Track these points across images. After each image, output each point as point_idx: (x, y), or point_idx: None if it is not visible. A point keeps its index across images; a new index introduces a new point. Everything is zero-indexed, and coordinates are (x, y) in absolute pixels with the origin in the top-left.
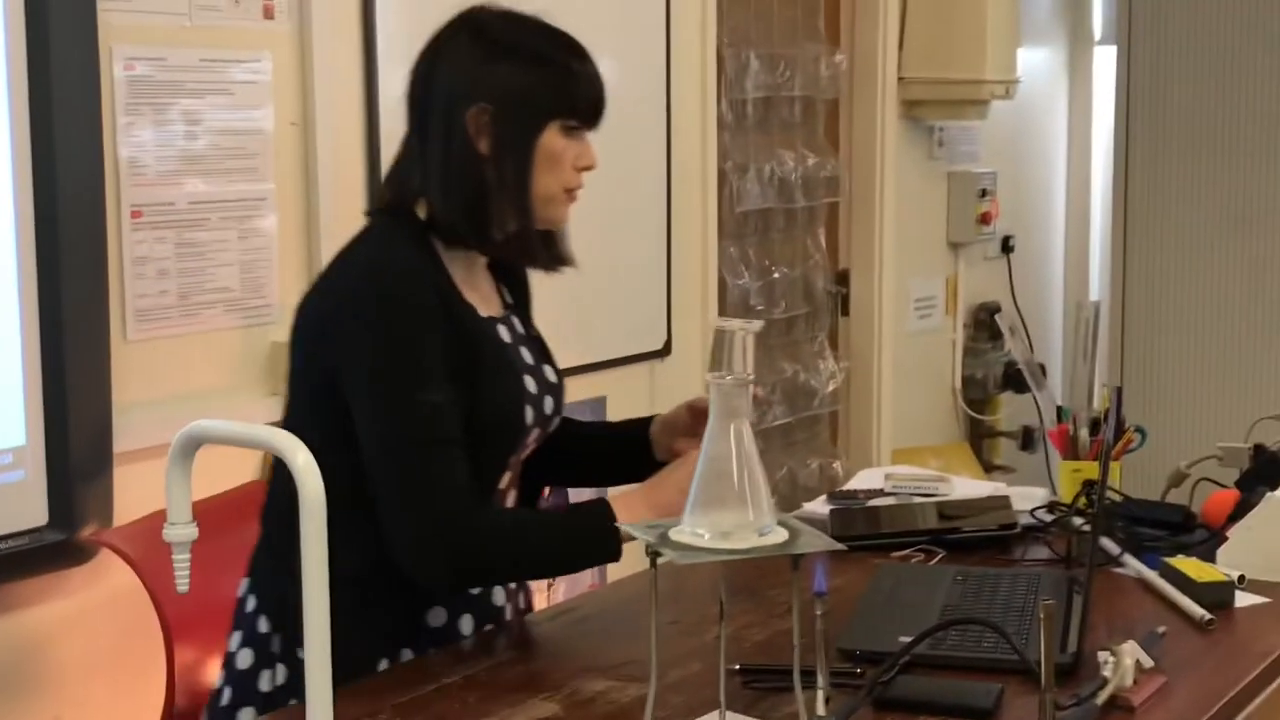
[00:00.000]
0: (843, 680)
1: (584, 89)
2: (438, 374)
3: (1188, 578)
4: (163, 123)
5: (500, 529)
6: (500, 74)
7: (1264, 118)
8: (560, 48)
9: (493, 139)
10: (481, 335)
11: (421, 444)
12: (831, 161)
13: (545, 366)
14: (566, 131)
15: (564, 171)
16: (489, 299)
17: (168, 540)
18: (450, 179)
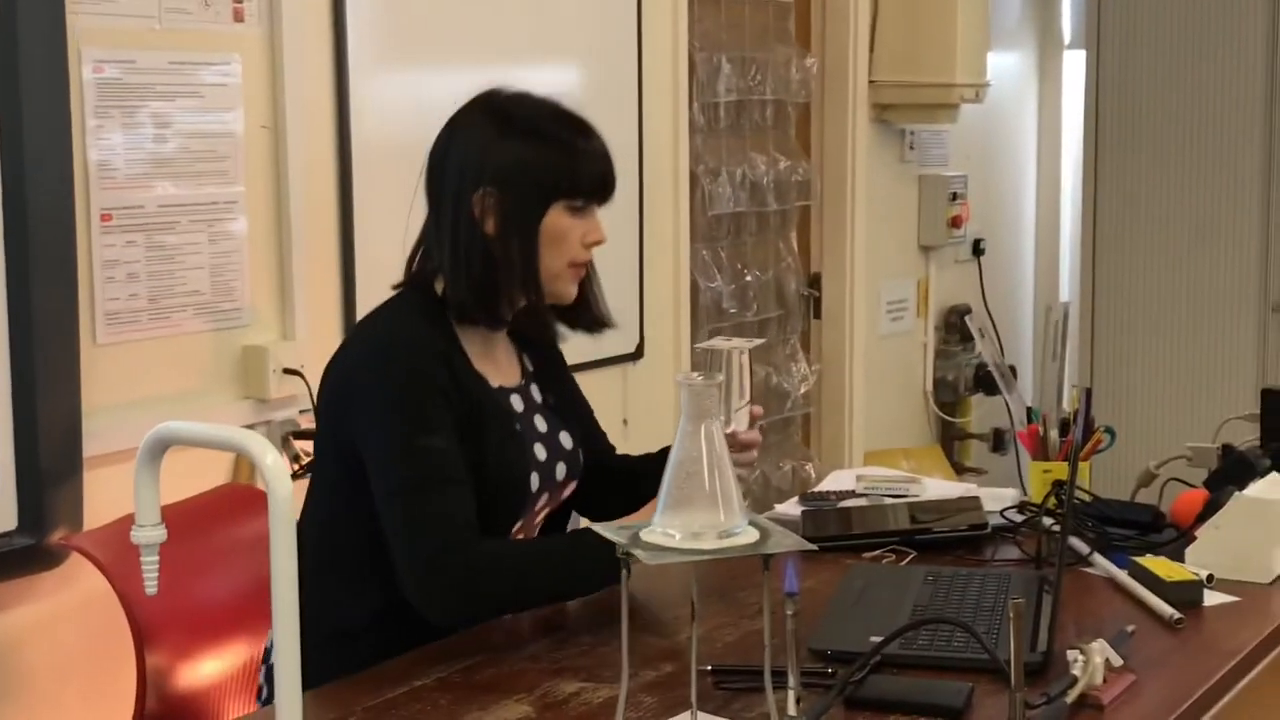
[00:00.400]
0: (814, 680)
1: (588, 168)
2: (440, 425)
3: (1157, 577)
4: (132, 125)
5: (500, 559)
6: (506, 156)
7: (1231, 122)
8: (566, 127)
9: (498, 221)
10: (489, 405)
11: (422, 485)
12: (803, 165)
13: (561, 433)
14: (572, 211)
15: (570, 249)
16: (505, 369)
17: (136, 542)
18: (459, 260)
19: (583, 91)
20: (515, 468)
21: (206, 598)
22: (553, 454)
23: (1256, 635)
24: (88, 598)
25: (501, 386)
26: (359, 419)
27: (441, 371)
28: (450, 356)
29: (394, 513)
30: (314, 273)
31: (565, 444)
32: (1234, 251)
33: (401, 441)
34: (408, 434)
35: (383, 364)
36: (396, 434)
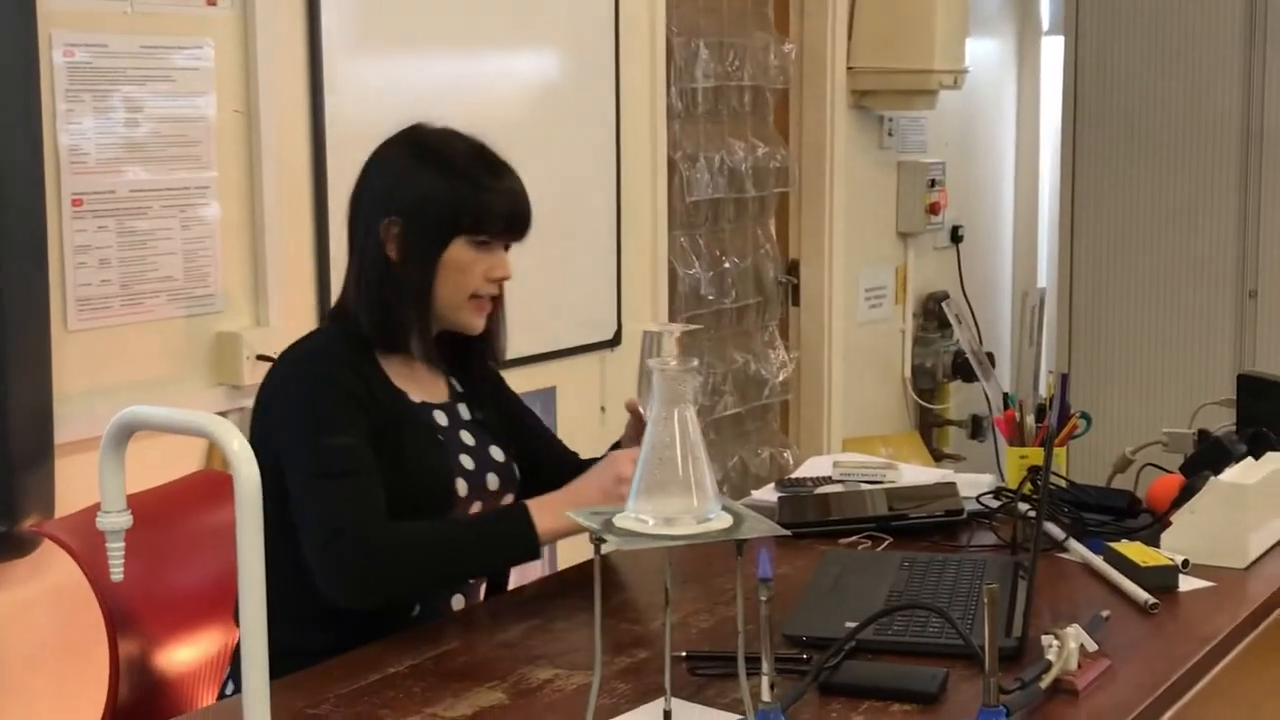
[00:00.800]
0: (788, 666)
1: (494, 206)
2: (349, 425)
3: (1132, 562)
4: (103, 110)
5: (400, 539)
6: (415, 187)
7: (1209, 108)
8: (478, 165)
9: (399, 249)
10: (407, 415)
11: (328, 476)
12: (781, 151)
13: (492, 447)
14: (476, 245)
15: (471, 281)
16: (429, 388)
17: (101, 528)
18: (361, 284)
19: (560, 77)
20: (437, 472)
21: (179, 585)
22: (482, 465)
23: (1232, 620)
24: (60, 585)
25: (424, 402)
26: (278, 432)
27: (352, 379)
28: (364, 369)
29: (303, 505)
30: (288, 259)
31: (496, 456)
32: (1210, 238)
33: (310, 440)
34: (316, 433)
35: (295, 376)
36: (306, 435)
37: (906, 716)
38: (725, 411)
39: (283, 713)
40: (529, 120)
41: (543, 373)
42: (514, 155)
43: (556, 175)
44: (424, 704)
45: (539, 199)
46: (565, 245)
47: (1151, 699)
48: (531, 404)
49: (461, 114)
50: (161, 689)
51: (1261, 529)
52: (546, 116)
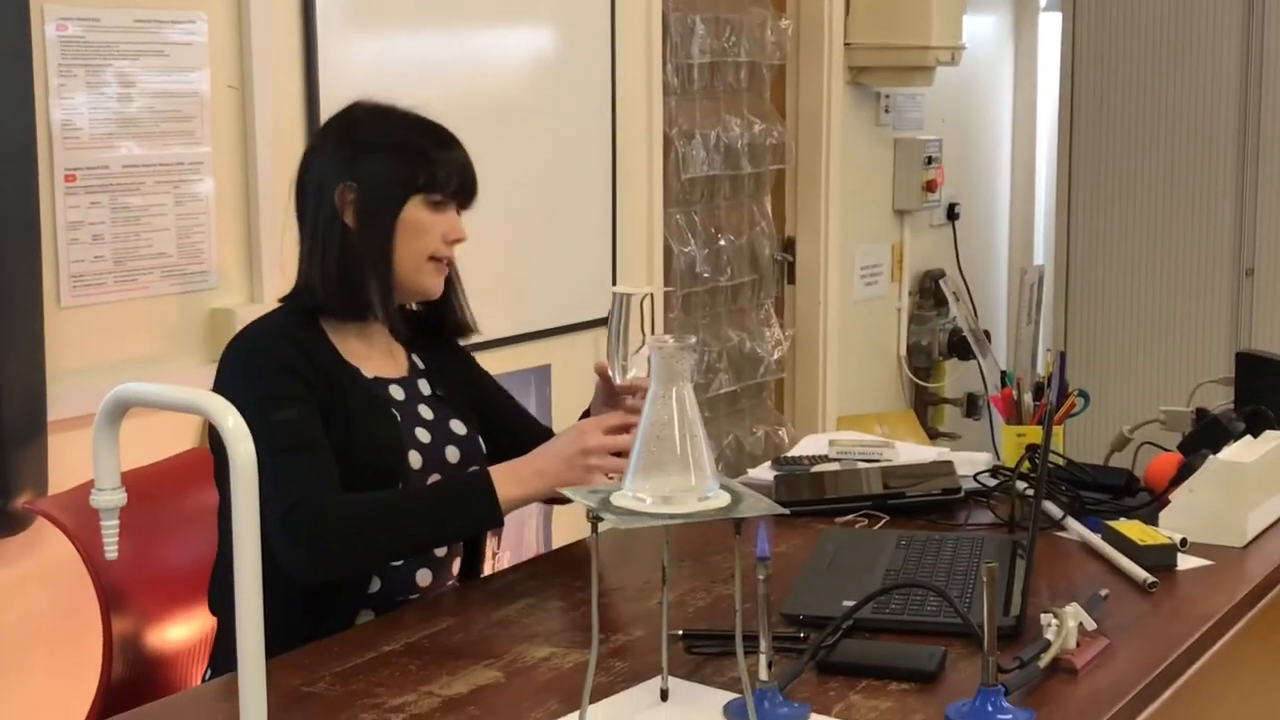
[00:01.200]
0: (786, 645)
1: (444, 166)
2: (292, 399)
3: (1130, 541)
4: (96, 85)
5: (351, 509)
6: (365, 155)
7: (1206, 85)
8: (425, 135)
9: (357, 213)
10: (357, 389)
11: (275, 453)
12: (778, 128)
13: (452, 421)
14: (431, 205)
15: (429, 243)
16: (385, 363)
17: (95, 506)
18: (319, 252)
19: (555, 52)
20: (386, 444)
21: (174, 562)
22: (440, 438)
23: (1230, 599)
24: (53, 563)
25: (378, 377)
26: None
27: (294, 354)
28: (310, 344)
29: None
30: (282, 235)
31: (457, 430)
32: (1208, 215)
33: (255, 418)
34: (259, 411)
35: (237, 357)
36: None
37: (904, 695)
38: (720, 390)
39: (278, 691)
40: (524, 96)
41: (537, 350)
42: (509, 131)
43: (551, 152)
44: (420, 682)
45: (534, 176)
46: (560, 222)
47: (1150, 677)
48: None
49: (456, 90)
50: (156, 666)
51: (1260, 507)
52: (542, 92)
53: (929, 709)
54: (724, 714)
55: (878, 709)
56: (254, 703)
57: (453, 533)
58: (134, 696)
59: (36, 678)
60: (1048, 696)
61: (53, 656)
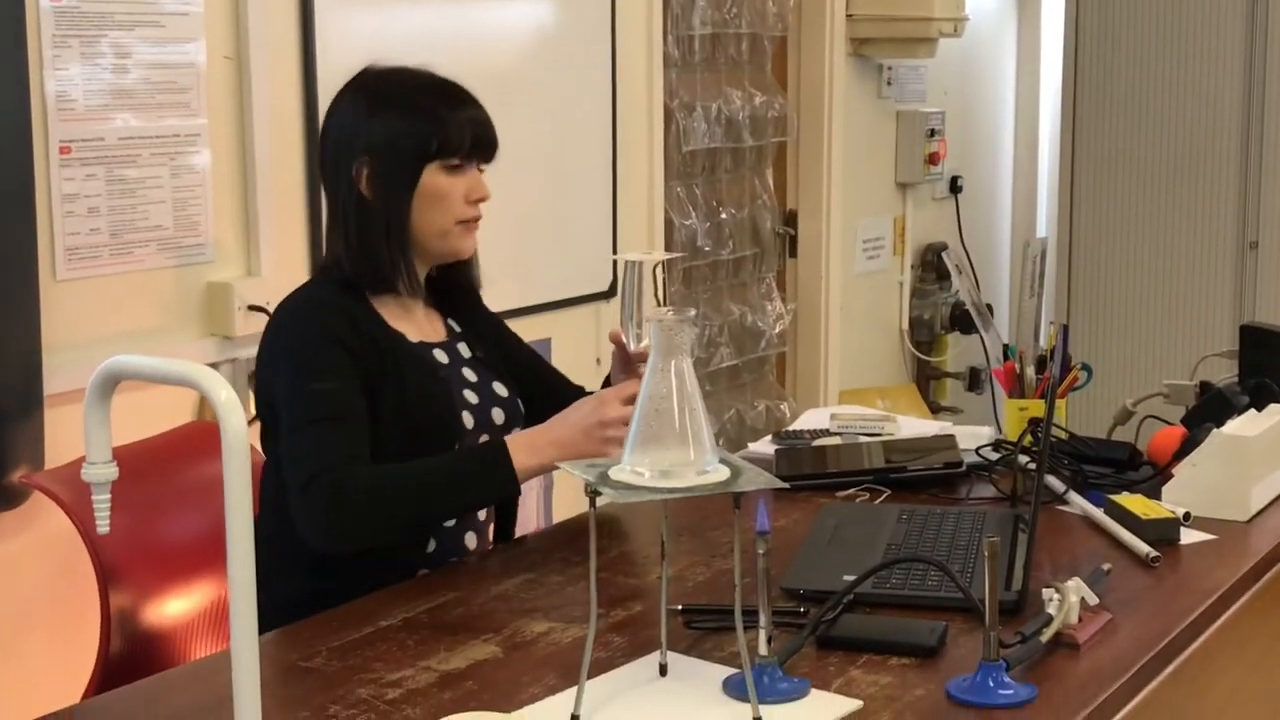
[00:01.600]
0: (786, 620)
1: (457, 128)
2: (334, 370)
3: (1133, 515)
4: (91, 56)
5: (369, 483)
6: (377, 126)
7: (1211, 56)
8: (434, 94)
9: (374, 188)
10: (405, 354)
11: (309, 422)
12: (779, 100)
13: (495, 383)
14: (449, 170)
15: (454, 207)
16: (426, 328)
17: (86, 480)
18: (337, 227)
19: (555, 24)
20: (441, 406)
21: (171, 536)
22: (485, 399)
23: (1233, 573)
24: (50, 537)
25: (422, 341)
26: (271, 383)
27: (339, 323)
28: (355, 313)
29: (286, 453)
30: (279, 208)
31: (500, 391)
32: (1212, 188)
33: (294, 388)
34: (300, 380)
35: (283, 327)
36: (290, 382)
37: (905, 670)
38: (721, 364)
39: (275, 665)
40: (524, 68)
41: (538, 324)
42: (508, 103)
43: (551, 124)
44: (418, 657)
45: (535, 148)
46: (561, 195)
47: (1153, 652)
48: None
49: (455, 62)
50: (154, 641)
51: (1264, 481)
52: (542, 64)
53: (930, 684)
54: (723, 689)
55: (878, 684)
56: (248, 678)
57: (470, 504)
58: (132, 671)
59: (34, 652)
60: (1049, 671)
61: (50, 631)
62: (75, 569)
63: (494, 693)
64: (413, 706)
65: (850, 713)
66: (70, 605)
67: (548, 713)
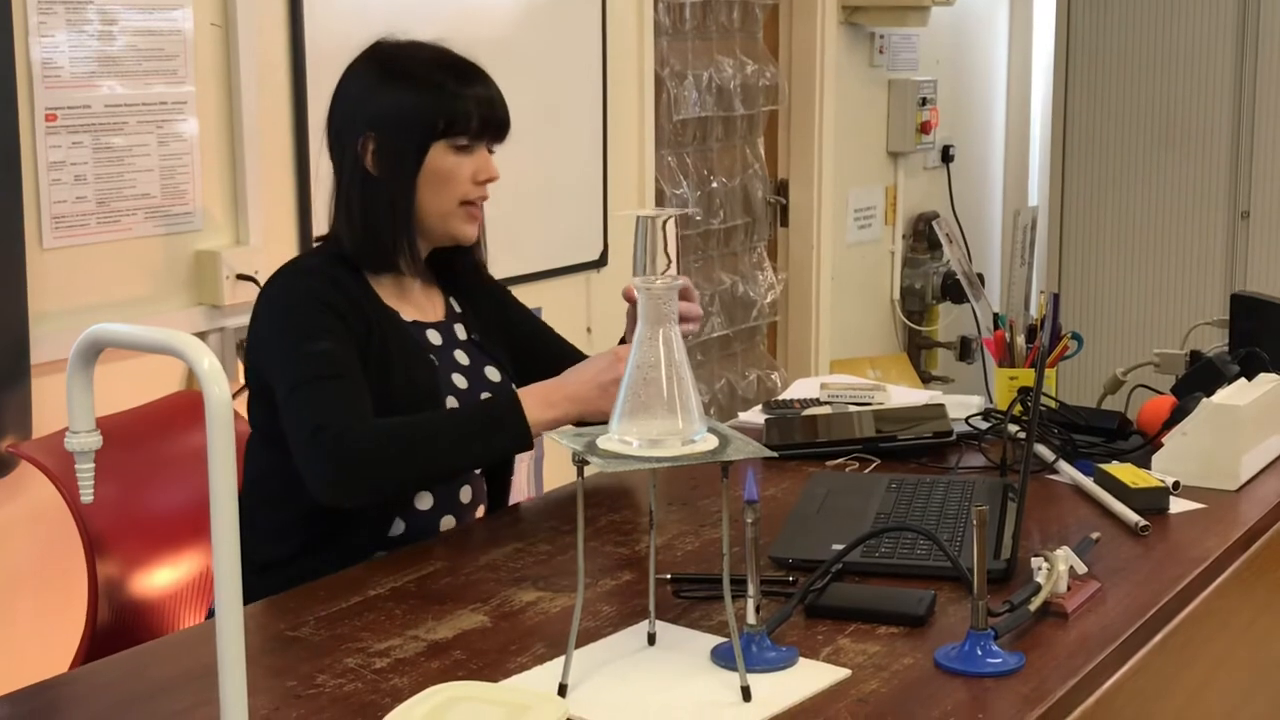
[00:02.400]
0: (774, 589)
1: (468, 108)
2: (329, 331)
3: (1122, 484)
4: (77, 22)
5: (379, 433)
6: (385, 100)
7: (1203, 26)
8: (445, 71)
9: (378, 163)
10: (394, 332)
11: (311, 380)
12: (771, 69)
13: (487, 367)
14: (457, 149)
15: (458, 187)
16: (424, 307)
17: (70, 449)
18: (341, 203)
19: None
20: (425, 389)
21: (158, 506)
22: (475, 384)
23: (1223, 542)
24: (37, 507)
25: (416, 321)
26: (263, 348)
27: (332, 292)
28: (349, 286)
29: (288, 413)
30: (268, 176)
31: (491, 376)
32: (1204, 157)
33: (291, 349)
34: (296, 341)
35: (276, 293)
36: (287, 344)
37: (893, 639)
38: (712, 333)
39: (262, 635)
40: (513, 36)
41: (528, 293)
42: (498, 72)
43: (541, 93)
44: (405, 626)
45: (524, 118)
46: (551, 165)
47: (1141, 621)
48: None
49: (444, 30)
50: (141, 611)
51: (1253, 450)
52: (531, 32)
53: (918, 653)
54: (711, 658)
55: (866, 653)
56: (232, 648)
57: (481, 456)
58: (119, 640)
59: (21, 622)
60: (1038, 640)
61: (38, 601)
62: (63, 539)
63: (482, 662)
64: (400, 676)
65: (838, 681)
66: (58, 575)
67: (536, 682)
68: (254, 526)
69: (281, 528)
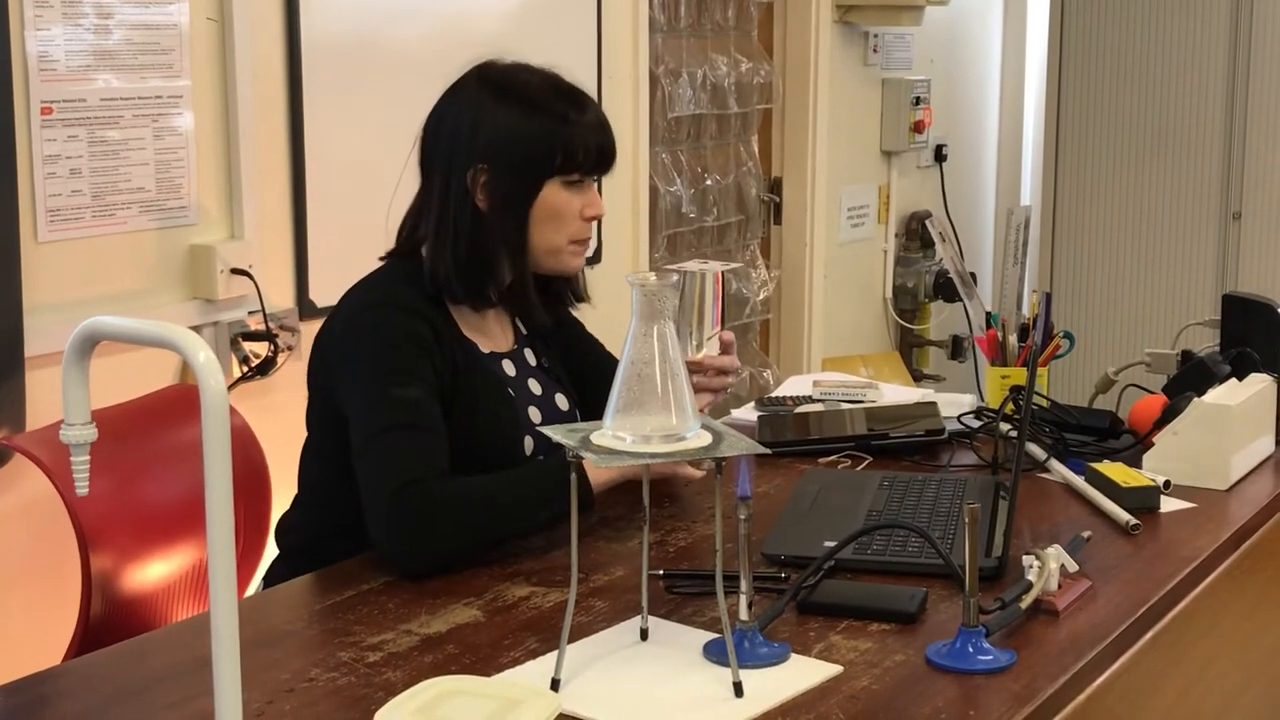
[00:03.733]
0: (767, 585)
1: (582, 140)
2: (418, 378)
3: (1113, 483)
4: (73, 16)
5: (458, 498)
6: (499, 130)
7: (1196, 27)
8: (560, 99)
9: (490, 198)
10: (479, 370)
11: (389, 431)
12: (765, 67)
13: (557, 395)
14: (569, 185)
15: (568, 224)
16: (496, 336)
17: (65, 442)
18: (445, 234)
19: None
20: (508, 432)
21: (152, 499)
22: (548, 417)
23: (1213, 541)
24: (31, 499)
25: (493, 352)
26: (343, 379)
27: (424, 328)
28: (434, 319)
29: (362, 462)
30: (263, 171)
31: (561, 405)
32: (1196, 158)
33: (376, 394)
34: (383, 386)
35: (365, 322)
36: (372, 387)
37: (885, 636)
38: None
39: (256, 628)
40: (508, 33)
41: None
42: None
43: None
44: (399, 620)
45: None
46: None
47: (1132, 620)
48: None
49: (438, 27)
50: (134, 604)
51: (1244, 450)
52: (526, 29)
53: (909, 650)
54: (704, 654)
55: (858, 649)
56: (227, 641)
57: (546, 520)
58: (112, 633)
59: (14, 615)
60: (1029, 638)
61: (31, 593)
62: (56, 531)
63: (475, 656)
64: (393, 669)
65: (830, 678)
66: (50, 568)
67: (528, 676)
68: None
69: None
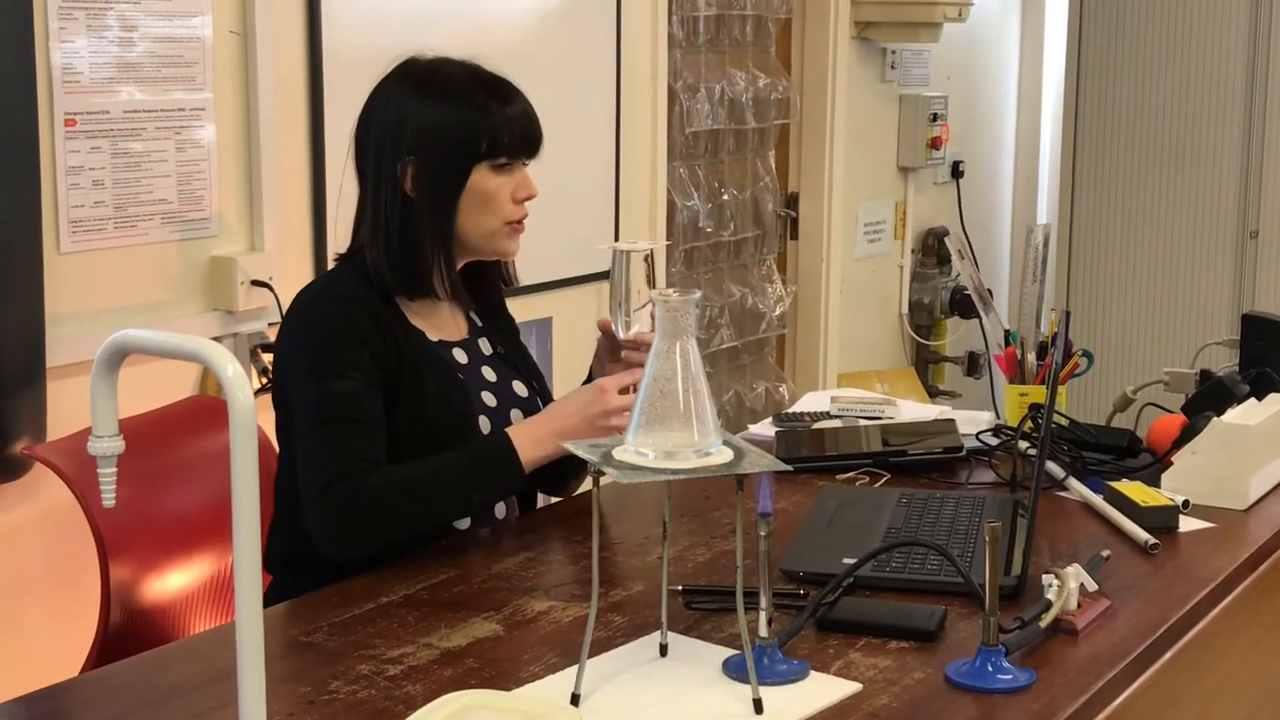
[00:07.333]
0: (786, 602)
1: (506, 126)
2: (355, 369)
3: (1132, 502)
4: (97, 29)
5: (385, 489)
6: (424, 122)
7: (1214, 45)
8: (482, 90)
9: (420, 188)
10: (426, 354)
11: (324, 423)
12: (783, 83)
13: (514, 382)
14: (497, 169)
15: (501, 208)
16: (447, 325)
17: (93, 453)
18: (379, 228)
19: (560, 4)
20: (459, 412)
21: (172, 510)
22: (504, 401)
23: (1231, 561)
24: (51, 509)
25: (442, 340)
26: (290, 378)
27: (361, 317)
28: (378, 310)
29: (302, 451)
30: (284, 183)
31: (519, 391)
32: (1214, 176)
33: (313, 386)
34: (319, 378)
35: (303, 318)
36: (310, 379)
37: (904, 654)
38: (721, 345)
39: (276, 640)
40: (528, 47)
41: (539, 303)
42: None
43: (555, 104)
44: (418, 633)
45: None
46: (564, 175)
47: (1151, 639)
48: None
49: (459, 40)
50: (153, 615)
51: (1263, 470)
52: (546, 43)
53: (928, 668)
54: (723, 670)
55: (877, 667)
56: (252, 653)
57: (477, 502)
58: (131, 644)
59: (33, 624)
60: (1048, 657)
61: (50, 603)
62: (76, 541)
63: (494, 670)
64: (413, 683)
65: (849, 695)
66: (70, 578)
67: (548, 691)
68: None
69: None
